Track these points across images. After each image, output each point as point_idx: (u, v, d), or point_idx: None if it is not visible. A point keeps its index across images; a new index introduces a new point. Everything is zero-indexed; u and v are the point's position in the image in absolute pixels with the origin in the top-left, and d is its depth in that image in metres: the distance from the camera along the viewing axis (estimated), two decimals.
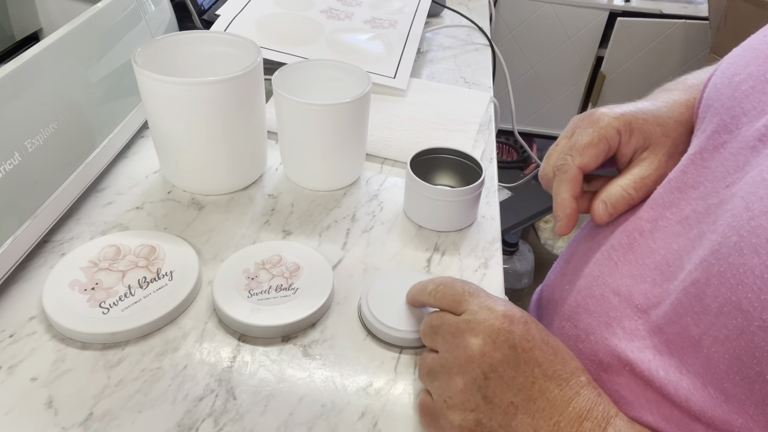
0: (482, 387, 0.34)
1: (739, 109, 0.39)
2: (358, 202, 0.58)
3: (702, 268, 0.35)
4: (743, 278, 0.31)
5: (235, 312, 0.43)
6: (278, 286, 0.46)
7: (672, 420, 0.36)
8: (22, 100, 0.44)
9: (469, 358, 0.35)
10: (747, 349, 0.31)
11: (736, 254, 0.32)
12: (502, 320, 0.36)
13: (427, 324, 0.39)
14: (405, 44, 0.83)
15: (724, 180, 0.38)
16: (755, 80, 0.38)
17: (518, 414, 0.33)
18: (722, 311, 0.32)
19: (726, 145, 0.39)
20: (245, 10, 0.78)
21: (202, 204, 0.56)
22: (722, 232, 0.34)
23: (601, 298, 0.43)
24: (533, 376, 0.34)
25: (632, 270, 0.42)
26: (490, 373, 0.34)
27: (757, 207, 0.32)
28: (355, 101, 0.53)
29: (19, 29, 0.64)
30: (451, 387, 0.35)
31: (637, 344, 0.39)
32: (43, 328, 0.43)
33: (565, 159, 0.46)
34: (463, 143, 0.67)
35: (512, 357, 0.34)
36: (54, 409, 0.38)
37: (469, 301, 0.38)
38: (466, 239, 0.55)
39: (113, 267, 0.46)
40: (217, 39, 0.58)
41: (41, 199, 0.47)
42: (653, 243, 0.41)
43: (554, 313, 0.49)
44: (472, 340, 0.35)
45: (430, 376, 0.37)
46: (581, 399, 0.34)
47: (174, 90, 0.49)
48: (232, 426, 0.38)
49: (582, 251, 0.49)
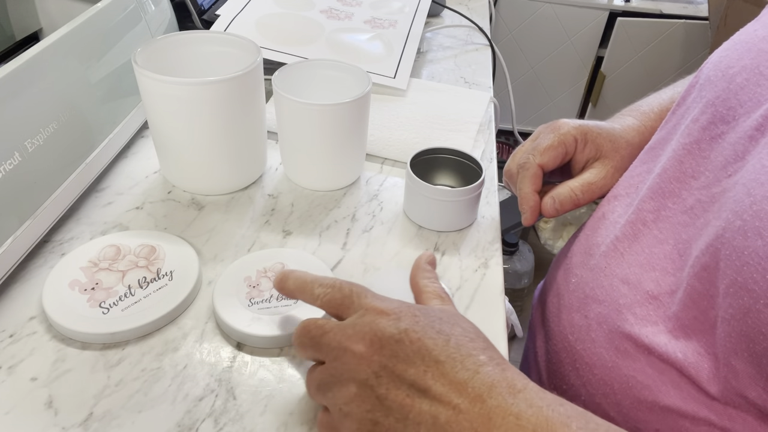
0: (375, 386, 0.33)
1: (735, 100, 0.40)
2: (358, 202, 0.58)
3: (710, 253, 0.36)
4: (748, 260, 0.32)
5: (234, 321, 0.42)
6: (280, 295, 0.45)
7: (690, 400, 0.38)
8: (22, 100, 0.44)
9: (357, 362, 0.33)
10: (754, 326, 0.32)
11: (741, 237, 0.33)
12: (387, 318, 0.34)
13: (303, 335, 0.36)
14: (405, 44, 0.83)
15: (725, 170, 0.39)
16: (749, 73, 0.40)
17: (414, 405, 0.32)
18: (728, 292, 0.34)
19: (724, 135, 0.40)
20: (245, 10, 0.78)
21: (202, 204, 0.56)
22: (726, 218, 0.35)
23: (609, 288, 0.44)
24: (425, 364, 0.32)
25: (640, 259, 0.43)
26: (381, 371, 0.33)
27: (758, 192, 0.33)
28: (355, 101, 0.53)
29: (19, 29, 0.64)
30: (344, 394, 0.33)
31: (651, 329, 0.40)
32: (43, 328, 0.43)
33: (528, 158, 0.52)
34: (463, 143, 0.67)
35: (400, 350, 0.33)
36: (54, 409, 0.38)
37: (356, 303, 0.36)
38: (466, 239, 0.55)
39: (113, 267, 0.46)
40: (217, 39, 0.58)
41: (41, 199, 0.47)
42: (659, 233, 0.43)
43: (560, 307, 0.50)
44: (359, 343, 0.33)
45: (321, 390, 0.35)
46: (480, 377, 0.32)
47: (174, 90, 0.49)
48: (232, 426, 0.38)
49: (584, 247, 0.50)
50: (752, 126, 0.38)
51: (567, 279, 0.50)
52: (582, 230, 0.53)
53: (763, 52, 0.40)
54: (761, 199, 0.33)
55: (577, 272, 0.49)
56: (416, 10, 0.93)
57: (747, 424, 0.35)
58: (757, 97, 0.38)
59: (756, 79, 0.39)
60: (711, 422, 0.37)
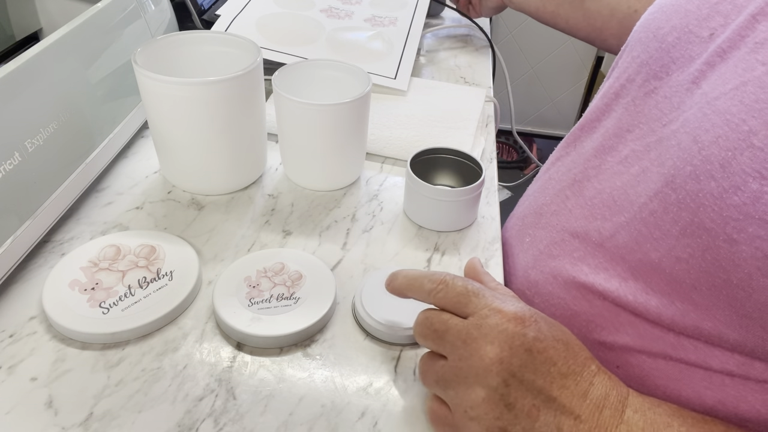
0: (504, 395, 0.34)
1: (668, 58, 0.43)
2: (358, 202, 0.58)
3: (658, 199, 0.39)
4: (703, 201, 0.35)
5: (234, 321, 0.42)
6: (280, 295, 0.45)
7: (646, 336, 0.41)
8: (22, 100, 0.44)
9: (486, 367, 0.34)
10: (713, 261, 0.35)
11: (693, 182, 0.36)
12: (514, 324, 0.35)
13: (426, 326, 0.37)
14: (405, 43, 0.83)
15: (660, 120, 0.42)
16: (680, 32, 0.43)
17: (540, 415, 0.33)
18: (685, 233, 0.37)
19: (657, 90, 0.43)
20: (245, 10, 0.79)
21: (202, 204, 0.56)
22: (673, 165, 0.38)
23: (562, 243, 0.48)
24: (551, 376, 0.34)
25: (584, 212, 0.46)
26: (510, 379, 0.34)
27: (705, 138, 0.36)
28: (355, 101, 0.53)
29: (19, 29, 0.64)
30: (471, 397, 0.34)
31: (603, 275, 0.43)
32: (43, 328, 0.43)
33: None
34: (463, 140, 0.67)
35: (529, 361, 0.34)
36: (54, 409, 0.38)
37: (474, 302, 0.36)
38: (466, 239, 0.55)
39: (113, 267, 0.46)
40: (217, 39, 0.58)
41: (41, 199, 0.47)
42: (598, 184, 0.46)
43: (515, 266, 0.53)
44: (487, 347, 0.34)
45: (441, 384, 0.36)
46: (596, 388, 0.35)
47: (174, 90, 0.49)
48: (232, 426, 0.38)
49: (534, 207, 0.53)
50: (688, 79, 0.40)
51: (521, 239, 0.54)
52: (531, 192, 0.56)
53: (690, 12, 0.43)
54: (709, 144, 0.35)
55: (530, 232, 0.52)
56: (416, 7, 0.93)
57: (698, 351, 0.39)
58: (689, 53, 0.41)
59: (687, 37, 0.42)
60: (667, 354, 0.40)
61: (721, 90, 0.37)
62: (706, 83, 0.39)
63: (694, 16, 0.42)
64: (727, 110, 0.35)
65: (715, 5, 0.41)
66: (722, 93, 0.37)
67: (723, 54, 0.39)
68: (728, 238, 0.34)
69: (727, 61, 0.38)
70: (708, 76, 0.39)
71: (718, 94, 0.37)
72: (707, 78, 0.39)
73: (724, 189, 0.34)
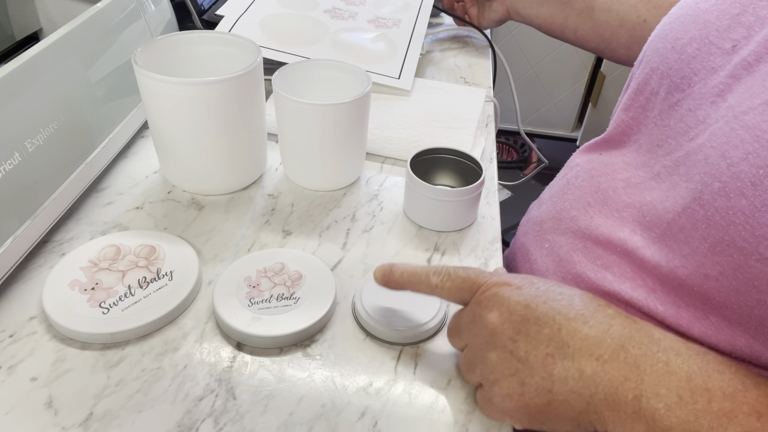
0: (514, 350, 0.35)
1: (688, 69, 0.43)
2: (358, 202, 0.58)
3: (686, 215, 0.38)
4: (734, 219, 0.34)
5: (234, 321, 0.42)
6: (279, 295, 0.45)
7: None
8: (22, 100, 0.44)
9: (491, 332, 0.36)
10: (745, 281, 0.34)
11: (722, 198, 0.35)
12: (507, 288, 0.37)
13: (450, 329, 0.41)
14: (409, 44, 0.83)
15: (686, 134, 0.41)
16: (699, 43, 0.42)
17: (557, 362, 0.34)
18: (714, 251, 0.36)
19: (681, 102, 0.43)
20: (249, 11, 0.78)
21: (202, 204, 0.56)
22: (700, 180, 0.37)
23: (584, 250, 0.47)
24: (557, 324, 0.34)
25: (609, 222, 0.46)
26: (516, 335, 0.35)
27: (734, 155, 0.35)
28: (355, 101, 0.53)
29: (19, 29, 0.64)
30: (488, 365, 0.36)
31: (629, 285, 0.43)
32: (43, 328, 0.43)
33: None
34: (463, 140, 0.67)
35: (530, 314, 0.35)
36: (54, 409, 0.38)
37: (475, 285, 0.38)
38: (466, 239, 0.55)
39: (113, 267, 0.46)
40: (217, 39, 0.58)
41: (41, 199, 0.47)
42: (627, 198, 0.46)
43: (533, 271, 0.53)
44: (488, 315, 0.36)
45: (469, 369, 0.38)
46: (616, 328, 0.34)
47: (174, 90, 0.49)
48: (232, 426, 0.38)
49: (553, 212, 0.53)
50: (712, 92, 0.40)
51: (540, 245, 0.53)
52: (547, 197, 0.56)
53: (709, 23, 0.42)
54: (738, 161, 0.34)
55: (549, 237, 0.52)
56: (419, 9, 0.93)
57: None
58: (710, 65, 0.41)
59: (707, 48, 0.41)
60: None
61: (749, 104, 0.36)
62: (732, 96, 0.38)
63: (713, 27, 0.41)
64: (756, 126, 0.34)
65: (737, 16, 0.40)
66: (750, 107, 0.36)
67: (749, 67, 0.38)
68: (761, 258, 0.33)
69: (753, 74, 0.37)
70: (734, 89, 0.38)
71: (745, 108, 0.36)
72: (733, 91, 0.38)
73: (756, 207, 0.33)
